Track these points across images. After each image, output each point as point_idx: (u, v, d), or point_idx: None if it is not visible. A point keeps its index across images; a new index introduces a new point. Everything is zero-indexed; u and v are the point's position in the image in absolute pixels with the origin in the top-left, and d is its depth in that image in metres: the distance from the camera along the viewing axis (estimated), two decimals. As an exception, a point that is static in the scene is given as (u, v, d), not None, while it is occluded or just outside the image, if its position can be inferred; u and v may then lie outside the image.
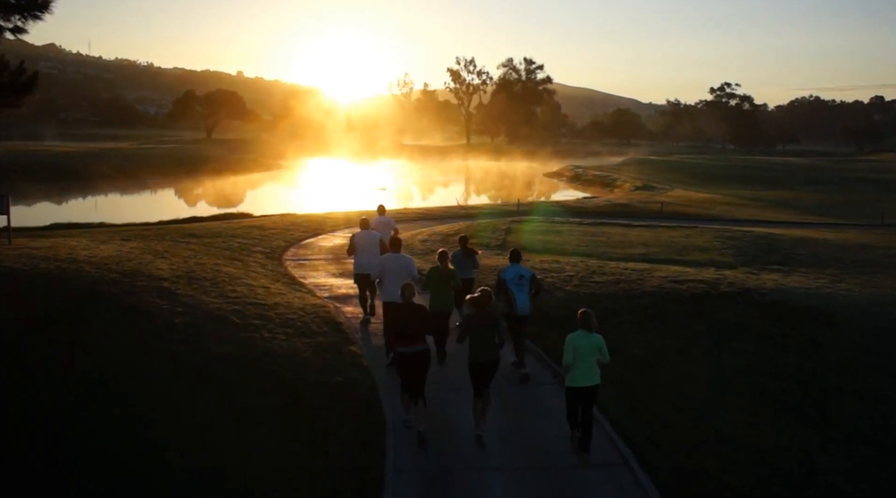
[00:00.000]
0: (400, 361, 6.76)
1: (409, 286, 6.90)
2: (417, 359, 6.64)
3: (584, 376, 6.43)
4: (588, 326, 6.51)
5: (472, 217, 23.49)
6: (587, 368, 6.42)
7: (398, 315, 6.82)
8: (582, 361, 6.39)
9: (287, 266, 13.93)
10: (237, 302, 9.99)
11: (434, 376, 7.34)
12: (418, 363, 6.66)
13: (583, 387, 6.44)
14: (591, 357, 6.42)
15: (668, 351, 8.93)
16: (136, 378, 7.23)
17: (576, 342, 6.44)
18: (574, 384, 6.47)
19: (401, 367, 6.79)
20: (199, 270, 11.61)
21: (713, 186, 40.21)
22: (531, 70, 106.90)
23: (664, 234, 18.19)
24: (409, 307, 6.79)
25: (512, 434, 6.99)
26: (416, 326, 6.68)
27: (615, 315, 10.03)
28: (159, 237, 15.45)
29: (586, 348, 6.42)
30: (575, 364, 6.39)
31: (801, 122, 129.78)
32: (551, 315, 10.05)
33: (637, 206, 27.76)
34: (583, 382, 6.44)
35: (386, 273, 8.47)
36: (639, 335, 9.39)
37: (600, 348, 6.49)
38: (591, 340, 6.48)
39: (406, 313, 6.74)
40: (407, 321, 6.69)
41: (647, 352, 8.88)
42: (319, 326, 9.48)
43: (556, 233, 18.11)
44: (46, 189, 35.58)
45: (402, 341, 6.66)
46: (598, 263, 13.60)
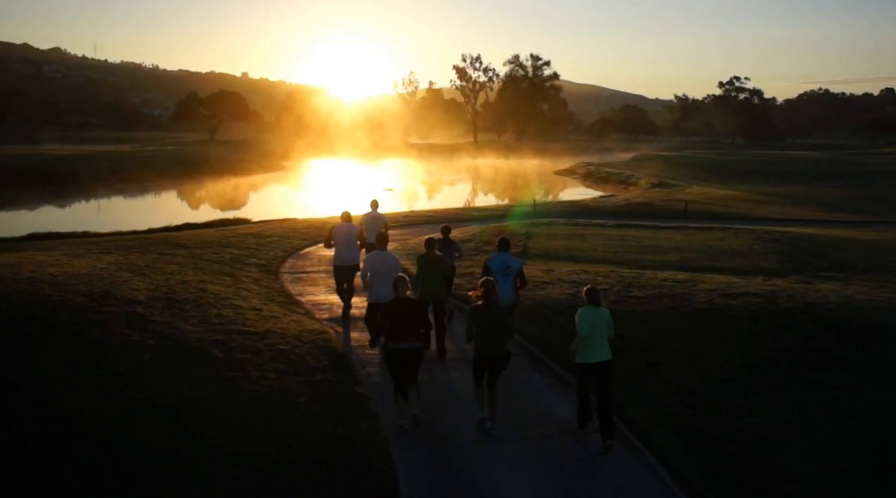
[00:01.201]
0: (393, 357, 6.55)
1: (402, 279, 6.75)
2: (411, 355, 6.53)
3: (596, 352, 6.37)
4: (596, 302, 6.49)
5: (485, 219, 22.00)
6: (598, 343, 6.38)
7: (393, 310, 6.57)
8: (593, 336, 6.33)
9: (283, 280, 12.50)
10: (221, 330, 8.55)
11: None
12: (412, 360, 6.55)
13: (595, 362, 6.37)
14: (601, 332, 6.39)
15: (735, 386, 7.43)
16: (77, 444, 5.79)
17: (584, 317, 6.37)
18: (585, 360, 6.40)
19: (393, 364, 6.58)
20: (181, 290, 10.19)
21: (731, 182, 38.58)
22: (538, 66, 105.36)
23: (696, 236, 16.65)
24: (405, 302, 6.61)
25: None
26: (411, 321, 6.52)
27: (665, 339, 8.54)
28: (143, 249, 14.05)
29: (597, 323, 6.38)
30: (587, 339, 6.32)
31: (810, 115, 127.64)
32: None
33: (659, 205, 26.20)
34: (594, 357, 6.37)
35: (373, 273, 8.25)
36: (697, 365, 7.89)
37: (609, 324, 6.50)
38: (600, 314, 6.45)
39: (401, 309, 6.55)
40: (402, 317, 6.50)
41: (711, 388, 7.38)
42: (318, 359, 8.03)
43: (579, 237, 16.61)
44: (35, 194, 34.31)
45: (397, 337, 6.48)
46: (633, 272, 12.09)
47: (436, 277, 8.46)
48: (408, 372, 6.58)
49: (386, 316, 6.55)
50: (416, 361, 6.60)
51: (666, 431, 6.60)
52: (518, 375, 8.04)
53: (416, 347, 6.58)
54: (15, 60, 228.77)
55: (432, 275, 8.42)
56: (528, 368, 8.31)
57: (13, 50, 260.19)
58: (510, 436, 6.55)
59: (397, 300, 6.63)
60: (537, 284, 11.32)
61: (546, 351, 8.36)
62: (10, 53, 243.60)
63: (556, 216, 22.72)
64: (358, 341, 9.12)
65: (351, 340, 9.18)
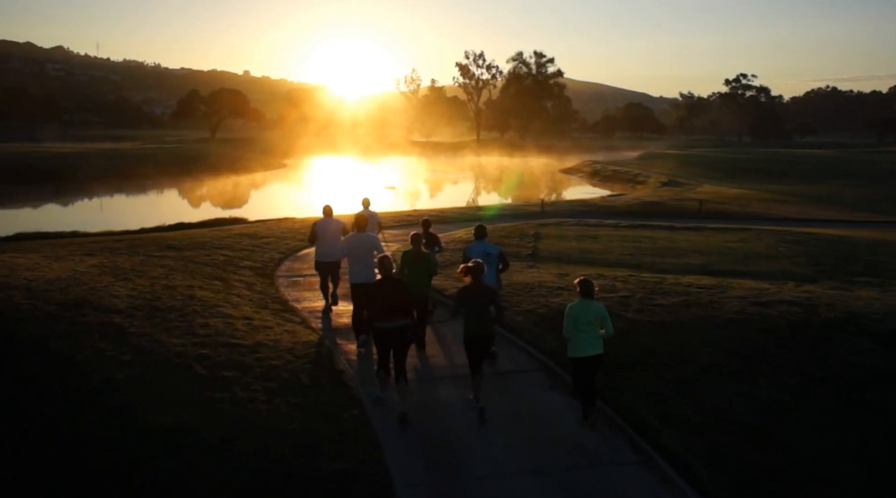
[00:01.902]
0: (380, 336, 6.43)
1: (386, 258, 6.61)
2: (399, 333, 6.38)
3: (587, 345, 6.28)
4: (588, 295, 6.35)
5: (492, 220, 21.16)
6: (589, 337, 6.28)
7: (378, 290, 6.44)
8: (583, 331, 6.25)
9: (278, 285, 11.69)
10: (207, 343, 7.74)
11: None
12: (400, 338, 6.41)
13: (586, 356, 6.28)
14: (592, 326, 6.28)
15: (782, 410, 6.59)
16: (31, 481, 4.99)
17: (575, 312, 6.30)
18: (576, 355, 6.33)
19: (381, 343, 6.49)
20: (166, 297, 9.39)
21: (742, 181, 37.64)
22: (542, 64, 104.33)
23: (716, 238, 15.79)
24: (389, 281, 6.48)
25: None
26: (397, 299, 6.36)
27: (698, 354, 7.70)
28: (132, 250, 13.26)
29: (587, 317, 6.27)
30: (576, 334, 6.26)
31: (817, 113, 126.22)
32: (615, 356, 7.73)
33: (671, 205, 25.32)
34: (585, 351, 6.28)
35: (351, 254, 8.24)
36: (736, 386, 7.05)
37: (602, 318, 6.33)
38: (592, 308, 6.32)
39: (386, 287, 6.42)
40: (388, 295, 6.36)
41: (754, 413, 6.54)
42: (313, 377, 7.21)
43: (592, 238, 15.76)
44: (30, 192, 33.61)
45: (383, 316, 6.33)
46: (653, 277, 11.25)
47: (420, 272, 8.15)
48: (396, 351, 6.46)
49: (370, 297, 6.44)
50: (403, 339, 6.44)
51: (706, 463, 5.78)
52: (535, 392, 7.23)
53: (404, 325, 6.40)
54: (18, 59, 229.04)
55: (417, 271, 8.12)
56: (545, 385, 7.48)
57: (17, 48, 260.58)
58: (528, 468, 5.73)
59: (383, 280, 6.50)
60: (551, 290, 10.49)
61: (566, 366, 7.52)
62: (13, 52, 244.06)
63: (565, 216, 21.87)
64: (347, 353, 8.30)
65: (339, 345, 8.38)
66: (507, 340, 8.69)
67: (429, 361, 8.14)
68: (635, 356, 7.69)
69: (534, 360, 8.05)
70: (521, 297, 10.17)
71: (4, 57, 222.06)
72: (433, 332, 9.04)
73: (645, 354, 7.74)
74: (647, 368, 7.43)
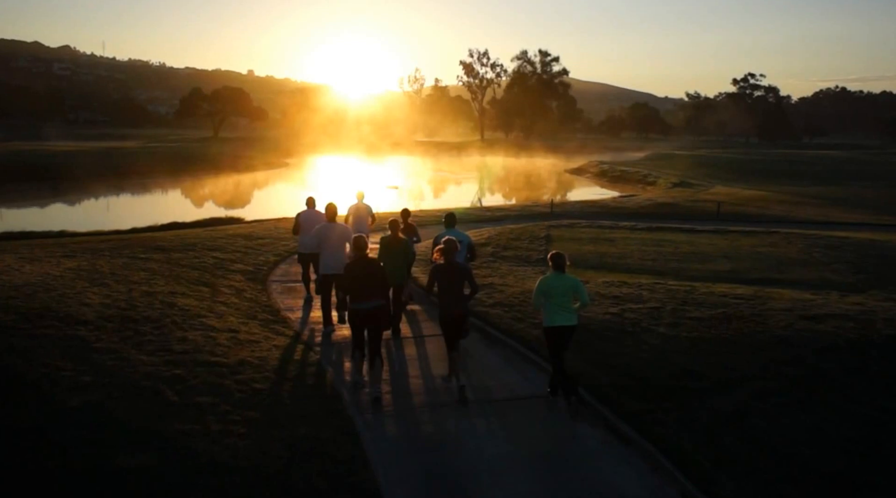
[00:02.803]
0: (356, 318, 6.42)
1: (361, 237, 6.57)
2: (375, 314, 6.37)
3: (560, 316, 6.28)
4: (560, 268, 6.32)
5: (500, 220, 20.17)
6: (561, 308, 6.28)
7: (353, 269, 6.43)
8: (555, 303, 6.26)
9: (271, 291, 10.71)
10: (183, 361, 6.76)
11: None
12: (376, 319, 6.40)
13: (559, 326, 6.29)
14: (565, 298, 6.29)
15: (861, 452, 5.56)
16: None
17: (546, 284, 6.30)
18: (549, 324, 6.35)
19: (356, 324, 6.48)
20: (143, 306, 8.41)
21: (755, 182, 36.56)
22: (546, 62, 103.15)
23: (742, 242, 14.75)
24: (364, 260, 6.47)
25: None
26: (372, 279, 6.38)
27: (747, 378, 6.67)
28: (115, 251, 12.30)
29: (559, 290, 6.26)
30: (547, 306, 6.31)
31: (826, 114, 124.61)
32: (649, 379, 6.72)
33: (685, 206, 24.27)
34: (558, 321, 6.28)
35: (323, 244, 8.20)
36: (798, 418, 6.03)
37: (576, 290, 6.32)
38: (564, 281, 6.31)
39: (361, 266, 6.41)
40: (362, 275, 6.36)
41: (826, 454, 5.51)
42: (302, 404, 6.22)
43: (608, 241, 14.74)
44: (26, 190, 32.73)
45: (358, 297, 6.35)
46: (682, 285, 10.23)
47: (397, 259, 8.15)
48: (371, 332, 6.45)
49: (348, 275, 6.41)
50: (379, 319, 6.44)
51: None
52: (560, 427, 6.20)
53: (379, 305, 6.40)
54: (26, 58, 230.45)
55: (394, 258, 8.11)
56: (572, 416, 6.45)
57: (24, 48, 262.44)
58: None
59: (358, 259, 6.46)
60: (571, 299, 9.47)
61: (599, 394, 6.50)
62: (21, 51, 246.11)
63: (576, 217, 20.87)
64: (345, 373, 7.31)
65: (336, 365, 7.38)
66: (523, 357, 7.69)
67: (436, 383, 7.14)
68: (674, 379, 6.67)
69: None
70: (538, 307, 9.15)
71: (12, 56, 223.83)
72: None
73: (685, 376, 6.72)
74: (690, 394, 6.41)
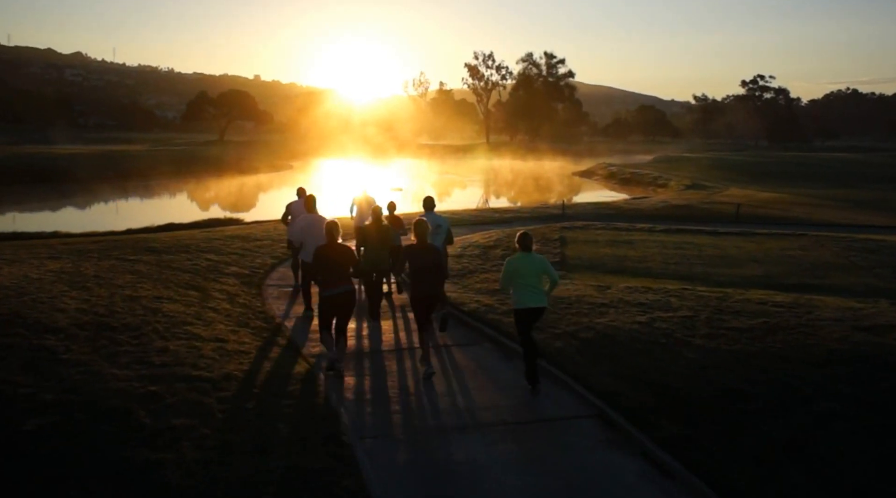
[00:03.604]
0: (326, 303, 6.67)
1: (334, 223, 6.76)
2: (343, 299, 6.63)
3: (529, 297, 6.31)
4: (527, 248, 6.36)
5: (509, 222, 19.36)
6: (532, 289, 6.29)
7: (323, 256, 6.61)
8: (525, 283, 6.28)
9: (267, 296, 9.93)
10: (160, 376, 5.97)
11: None
12: (345, 304, 6.67)
13: (529, 308, 6.32)
14: (534, 279, 6.30)
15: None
16: None
17: (514, 265, 6.33)
18: (519, 306, 6.37)
19: (326, 309, 6.72)
20: (123, 311, 7.65)
21: (769, 184, 35.59)
22: (552, 65, 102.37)
23: (770, 244, 13.88)
24: (334, 247, 6.64)
25: None
26: (341, 264, 6.60)
27: (804, 400, 5.81)
28: (104, 253, 11.56)
29: (527, 269, 6.28)
30: (518, 287, 6.32)
31: (837, 116, 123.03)
32: (689, 399, 5.88)
33: (700, 208, 23.38)
34: (528, 303, 6.32)
35: (307, 235, 8.32)
36: (874, 448, 5.17)
37: (544, 269, 6.35)
38: (532, 261, 6.34)
39: (332, 251, 6.61)
40: (332, 261, 6.57)
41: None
42: (296, 428, 5.41)
43: (627, 244, 13.90)
44: (30, 193, 32.18)
45: (328, 283, 6.58)
46: (713, 291, 9.39)
47: (376, 246, 8.24)
48: (341, 315, 6.73)
49: (317, 261, 6.57)
50: (348, 304, 6.69)
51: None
52: (592, 455, 5.37)
53: (348, 290, 6.64)
54: (39, 65, 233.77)
55: (373, 244, 8.21)
56: (602, 440, 5.58)
57: (38, 54, 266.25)
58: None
59: (329, 243, 6.62)
60: (593, 307, 8.65)
61: (633, 416, 5.68)
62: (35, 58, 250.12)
63: (588, 218, 20.03)
64: (344, 389, 6.50)
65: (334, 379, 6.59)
66: (545, 373, 6.86)
67: (440, 402, 6.33)
68: (719, 399, 5.84)
69: (583, 402, 6.21)
70: (557, 315, 8.34)
71: (26, 63, 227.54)
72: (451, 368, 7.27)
73: (731, 396, 5.89)
74: (739, 417, 5.58)
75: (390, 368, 7.19)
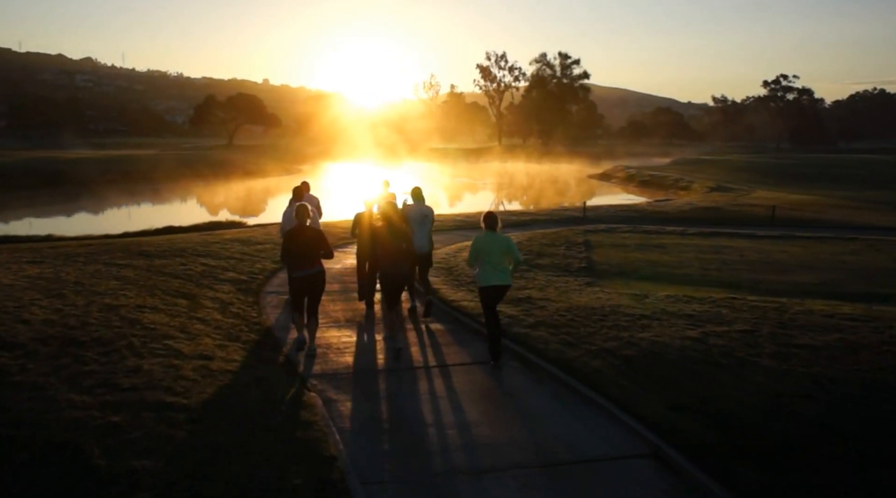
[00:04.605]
0: (296, 284, 6.75)
1: (303, 207, 6.74)
2: (312, 280, 6.70)
3: (493, 276, 6.46)
4: (493, 228, 6.54)
5: (527, 225, 18.30)
6: (495, 268, 6.46)
7: (292, 239, 6.66)
8: (490, 262, 6.44)
9: (264, 305, 8.94)
10: (126, 403, 5.00)
11: None
12: (314, 284, 6.74)
13: (492, 286, 6.47)
14: (499, 257, 6.46)
15: None
16: None
17: (480, 243, 6.50)
18: (484, 283, 6.52)
19: (297, 290, 6.80)
20: (97, 323, 6.71)
21: (796, 187, 34.13)
22: (566, 65, 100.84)
23: (817, 248, 12.69)
24: (304, 230, 6.68)
25: None
26: (311, 247, 6.65)
27: (911, 439, 4.69)
28: (93, 257, 10.69)
29: (492, 247, 6.45)
30: (483, 265, 6.48)
31: (863, 117, 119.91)
32: (768, 436, 4.78)
33: (730, 210, 22.13)
34: (492, 281, 6.46)
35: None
36: None
37: (508, 248, 6.50)
38: (496, 240, 6.50)
39: (301, 235, 6.65)
40: (303, 242, 6.63)
41: None
42: (285, 473, 4.39)
43: (658, 248, 12.78)
44: (36, 197, 31.67)
45: (298, 265, 6.66)
46: (765, 301, 8.26)
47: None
48: (310, 296, 6.76)
49: (287, 244, 6.66)
50: (316, 284, 6.75)
51: None
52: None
53: (316, 272, 6.70)
54: (50, 71, 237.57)
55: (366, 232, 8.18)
56: (662, 491, 4.44)
57: (49, 61, 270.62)
58: None
59: (299, 227, 6.65)
60: (632, 319, 7.56)
61: (699, 457, 4.58)
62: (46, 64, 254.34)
63: (611, 221, 18.91)
64: (343, 416, 5.47)
65: (333, 404, 5.56)
66: (581, 398, 5.81)
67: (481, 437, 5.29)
68: (807, 437, 4.74)
69: (633, 437, 5.12)
70: (592, 328, 7.27)
71: (38, 69, 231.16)
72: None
73: (823, 434, 4.78)
74: (839, 462, 4.46)
75: (402, 390, 6.17)
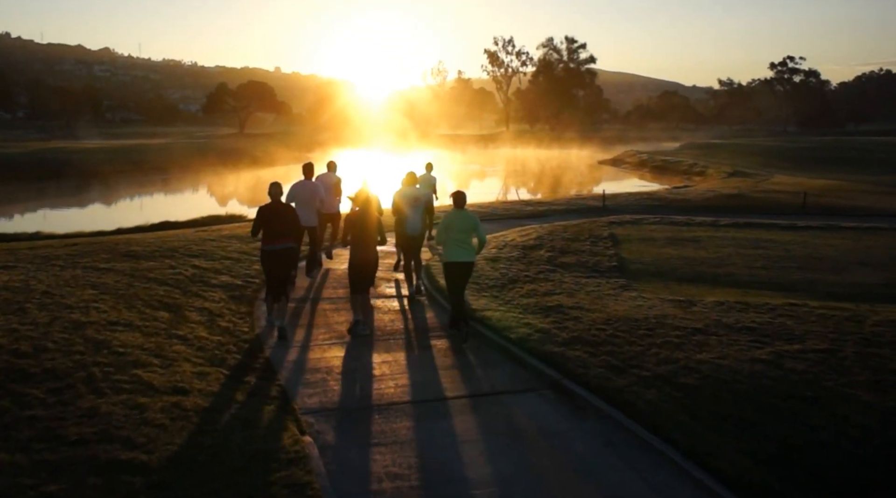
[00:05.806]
0: (266, 258, 6.93)
1: (276, 184, 6.96)
2: (281, 254, 6.88)
3: (457, 252, 6.74)
4: (461, 206, 6.86)
5: (545, 216, 17.17)
6: (460, 245, 6.73)
7: (264, 214, 6.85)
8: (454, 238, 6.72)
9: (259, 316, 7.89)
10: (69, 461, 3.96)
11: None
12: (283, 258, 6.92)
13: (457, 262, 6.75)
14: (465, 234, 6.74)
15: None
16: None
17: (448, 220, 6.77)
18: (447, 259, 6.81)
19: (266, 263, 6.97)
20: (57, 346, 5.67)
21: (815, 171, 32.84)
22: (573, 49, 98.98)
23: (870, 241, 11.54)
24: (278, 207, 6.90)
25: None
26: (284, 223, 6.86)
27: None
28: (73, 259, 9.64)
29: (460, 225, 6.73)
30: (448, 242, 6.76)
31: (871, 99, 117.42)
32: (882, 493, 3.72)
33: (756, 197, 20.92)
34: (456, 257, 6.74)
35: (296, 199, 8.91)
36: None
37: (474, 227, 6.79)
38: (463, 217, 6.78)
39: (274, 213, 6.84)
40: (276, 218, 6.82)
41: None
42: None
43: (692, 242, 11.64)
44: (41, 189, 30.73)
45: (270, 240, 6.83)
46: (833, 308, 7.15)
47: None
48: (279, 270, 6.93)
49: (258, 218, 6.84)
50: (286, 259, 6.94)
51: None
52: None
53: (287, 248, 6.90)
54: (69, 62, 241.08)
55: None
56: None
57: (69, 51, 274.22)
58: None
59: (273, 203, 6.86)
60: (683, 334, 6.47)
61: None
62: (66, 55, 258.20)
63: (634, 211, 17.77)
64: (343, 465, 4.42)
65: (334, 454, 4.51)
66: (634, 439, 4.75)
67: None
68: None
69: (704, 493, 4.07)
70: (639, 346, 6.18)
71: (59, 60, 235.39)
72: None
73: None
74: None
75: (416, 433, 5.11)
